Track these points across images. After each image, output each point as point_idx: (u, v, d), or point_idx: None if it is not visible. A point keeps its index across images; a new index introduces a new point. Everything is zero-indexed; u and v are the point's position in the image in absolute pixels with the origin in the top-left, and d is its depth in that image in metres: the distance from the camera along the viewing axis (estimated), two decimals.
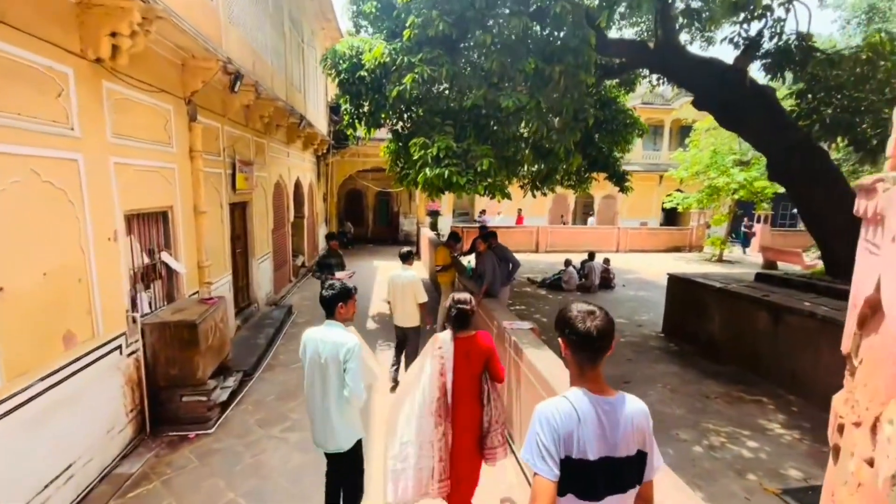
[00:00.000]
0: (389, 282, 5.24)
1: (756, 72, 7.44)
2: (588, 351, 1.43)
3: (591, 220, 20.89)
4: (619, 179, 10.34)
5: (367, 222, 20.63)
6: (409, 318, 5.23)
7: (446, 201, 19.67)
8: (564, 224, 21.35)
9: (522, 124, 6.00)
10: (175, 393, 4.36)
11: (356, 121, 8.39)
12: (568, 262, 11.33)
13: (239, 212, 7.35)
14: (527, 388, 3.78)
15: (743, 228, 19.31)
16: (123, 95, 3.96)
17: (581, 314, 1.43)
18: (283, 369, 5.92)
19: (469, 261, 8.06)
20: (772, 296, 5.92)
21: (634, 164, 21.92)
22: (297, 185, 11.72)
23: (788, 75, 7.03)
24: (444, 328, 3.22)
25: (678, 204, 16.85)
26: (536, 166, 8.14)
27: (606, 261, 11.69)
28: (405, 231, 20.34)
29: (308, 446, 4.05)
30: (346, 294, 2.75)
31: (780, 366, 5.52)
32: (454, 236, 7.03)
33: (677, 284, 7.70)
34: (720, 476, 3.82)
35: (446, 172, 5.30)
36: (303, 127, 9.76)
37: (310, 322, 7.04)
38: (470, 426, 2.79)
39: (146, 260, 4.46)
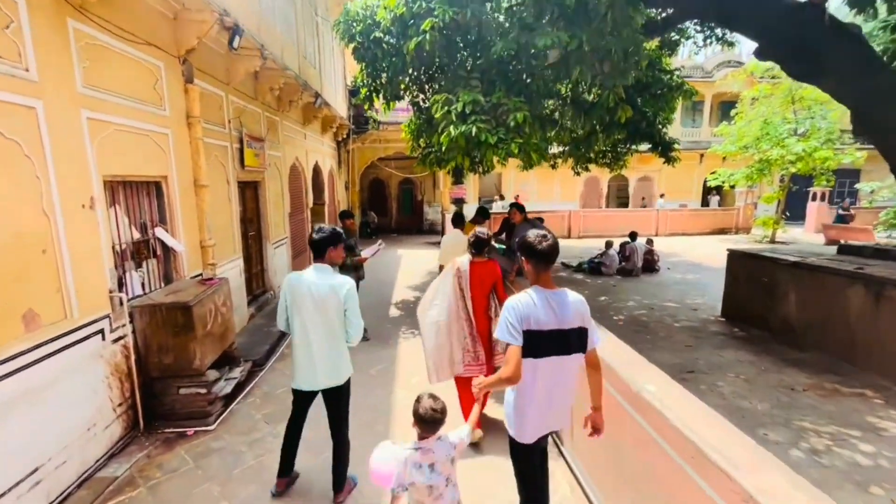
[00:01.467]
0: (443, 243, 5.17)
1: (837, 7, 6.34)
2: (543, 262, 2.05)
3: (659, 201, 19.23)
4: (665, 149, 9.32)
5: (391, 212, 20.10)
6: None
7: (471, 186, 18.89)
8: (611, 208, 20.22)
9: (561, 75, 5.17)
10: (171, 385, 3.84)
11: (374, 94, 7.73)
12: (609, 244, 10.41)
13: (250, 192, 6.85)
14: (581, 373, 3.05)
15: (839, 210, 16.61)
16: (98, 42, 3.41)
17: (538, 238, 2.05)
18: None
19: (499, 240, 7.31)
20: (867, 269, 4.93)
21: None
22: (317, 171, 11.23)
23: (881, 7, 5.91)
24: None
25: (724, 181, 15.51)
26: (577, 124, 7.21)
27: (650, 241, 10.68)
28: (429, 220, 19.75)
29: (318, 447, 3.45)
30: (337, 237, 2.83)
31: (883, 352, 4.56)
32: (482, 211, 6.29)
33: (740, 262, 6.73)
34: (835, 489, 2.98)
35: (473, 129, 4.57)
36: (318, 105, 9.21)
37: None
38: (482, 332, 3.50)
39: (136, 235, 3.95)
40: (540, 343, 1.99)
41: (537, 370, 2.05)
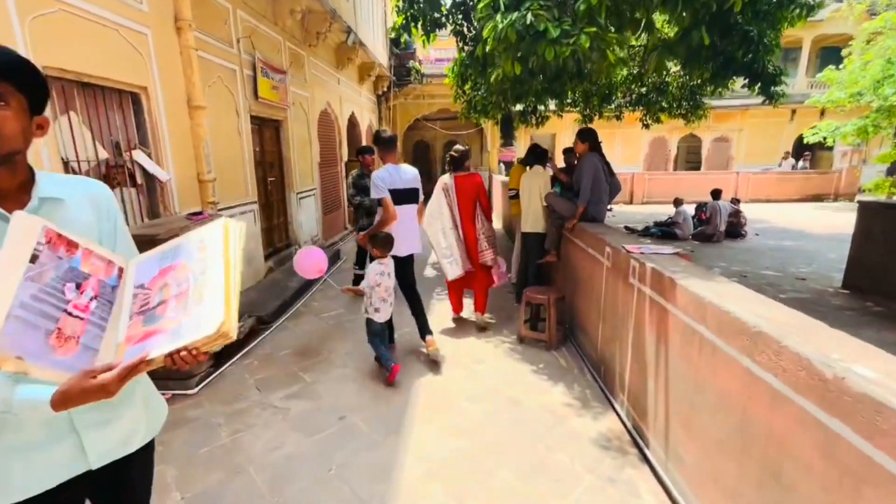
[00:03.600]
0: (522, 181, 4.69)
1: None
2: (388, 150, 3.58)
3: (798, 163, 16.56)
4: (768, 83, 7.51)
5: (435, 175, 19.07)
6: (532, 219, 4.55)
7: (521, 149, 17.39)
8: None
9: None
10: None
11: (411, 22, 6.60)
12: (678, 202, 8.85)
13: (270, 132, 6.07)
14: (688, 346, 1.95)
15: None
16: None
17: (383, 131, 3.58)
18: (311, 318, 4.61)
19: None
20: None
21: (757, 96, 17.82)
22: (353, 123, 10.38)
23: None
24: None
25: (826, 136, 13.03)
26: (673, 13, 5.62)
27: (736, 201, 8.97)
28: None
29: (312, 426, 2.64)
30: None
31: None
32: (535, 151, 5.12)
33: (879, 217, 5.13)
34: None
35: (528, 17, 3.39)
36: (352, 43, 8.23)
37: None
38: (470, 237, 4.20)
39: (104, 154, 3.21)
40: (398, 195, 3.43)
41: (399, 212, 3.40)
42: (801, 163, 17.17)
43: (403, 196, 3.47)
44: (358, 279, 5.45)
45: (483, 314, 4.38)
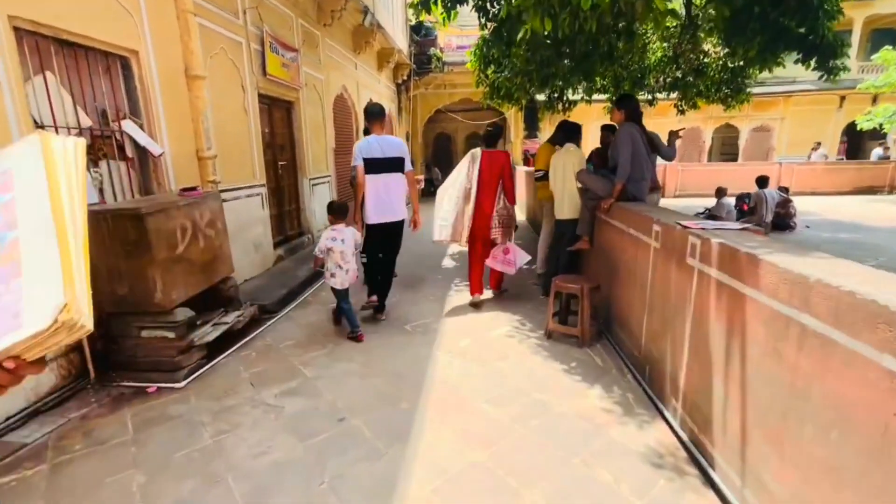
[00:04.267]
0: (552, 161, 4.26)
1: None
2: (377, 121, 3.69)
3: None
4: (827, 55, 6.75)
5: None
6: (569, 204, 4.11)
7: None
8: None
9: None
10: (131, 325, 2.84)
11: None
12: (721, 192, 8.15)
13: (281, 113, 5.77)
14: (780, 339, 1.46)
15: None
16: None
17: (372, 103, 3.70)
18: (319, 308, 4.25)
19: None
20: None
21: (800, 83, 16.70)
22: None
23: None
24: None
25: (883, 122, 12.00)
26: None
27: (785, 190, 8.20)
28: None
29: (306, 428, 2.26)
30: None
31: None
32: (566, 127, 4.62)
33: None
34: None
35: None
36: (368, 24, 7.87)
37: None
38: (487, 212, 4.11)
39: (87, 122, 2.92)
40: (375, 165, 3.52)
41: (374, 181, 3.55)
42: (825, 152, 15.71)
43: (383, 165, 3.54)
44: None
45: (477, 295, 4.26)
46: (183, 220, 2.94)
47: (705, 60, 9.23)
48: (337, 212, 3.43)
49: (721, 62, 8.97)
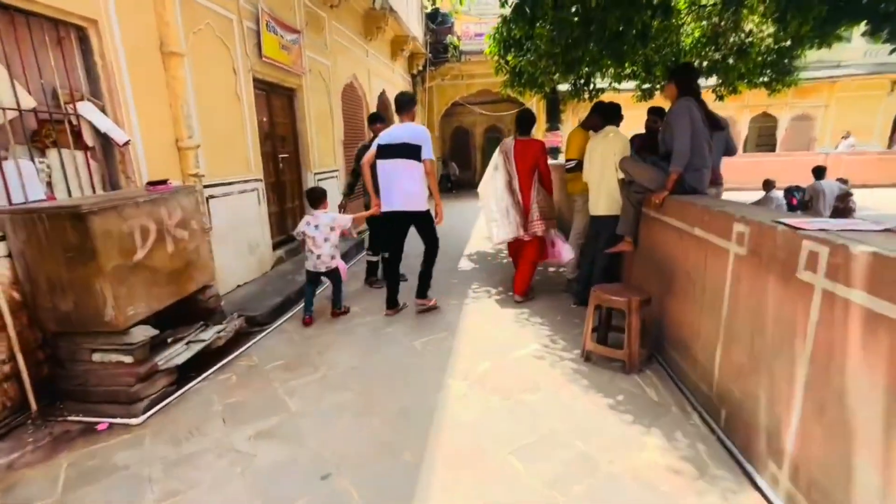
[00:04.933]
0: (588, 148, 3.69)
1: None
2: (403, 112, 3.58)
3: (843, 143, 14.35)
4: None
5: (475, 164, 17.96)
6: (607, 198, 3.55)
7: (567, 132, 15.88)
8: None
9: None
10: (81, 347, 2.36)
11: None
12: (769, 184, 7.33)
13: (281, 101, 5.26)
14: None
15: None
16: None
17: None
18: (317, 320, 3.73)
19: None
20: None
21: (846, 66, 15.44)
22: (384, 102, 9.50)
23: None
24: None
25: None
26: None
27: (844, 181, 7.32)
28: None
29: (279, 489, 1.70)
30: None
31: None
32: (602, 108, 3.97)
33: None
34: None
35: None
36: (380, 8, 7.31)
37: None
38: (526, 205, 3.82)
39: (29, 102, 2.43)
40: (386, 150, 3.40)
41: (380, 167, 3.45)
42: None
43: (392, 150, 3.40)
44: (372, 268, 4.58)
45: (521, 296, 3.98)
46: (144, 221, 2.43)
47: (749, 40, 8.36)
48: (310, 197, 3.59)
49: (768, 41, 8.10)
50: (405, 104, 3.55)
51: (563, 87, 12.53)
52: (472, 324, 3.52)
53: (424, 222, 3.54)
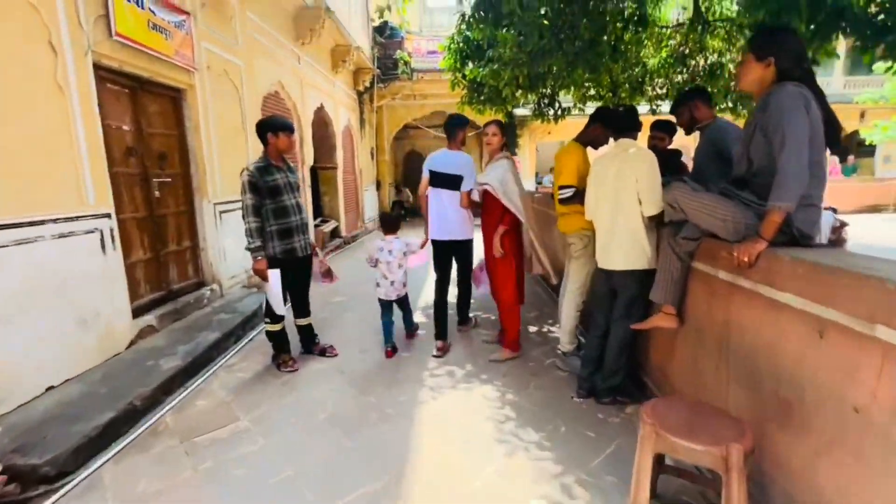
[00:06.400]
0: (594, 171, 2.57)
1: None
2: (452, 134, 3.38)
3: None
4: None
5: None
6: (629, 243, 2.41)
7: (527, 159, 15.18)
8: None
9: None
10: None
11: None
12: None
13: (159, 103, 3.77)
14: None
15: None
16: None
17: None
18: (170, 454, 2.20)
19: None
20: None
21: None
22: (323, 120, 8.15)
23: None
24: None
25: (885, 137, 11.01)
26: None
27: (834, 210, 6.68)
28: (475, 201, 16.39)
29: None
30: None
31: None
32: (610, 114, 2.86)
33: None
34: None
35: None
36: (313, 2, 6.02)
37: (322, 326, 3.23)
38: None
39: None
40: (436, 178, 3.31)
41: (432, 195, 3.38)
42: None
43: (438, 179, 3.32)
44: (279, 341, 3.15)
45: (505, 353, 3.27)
46: None
47: (720, 60, 7.79)
48: (384, 223, 3.54)
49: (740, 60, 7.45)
50: (452, 130, 3.38)
51: (520, 111, 11.80)
52: (430, 445, 2.16)
53: (465, 249, 3.52)
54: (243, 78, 4.95)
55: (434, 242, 3.43)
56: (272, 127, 2.96)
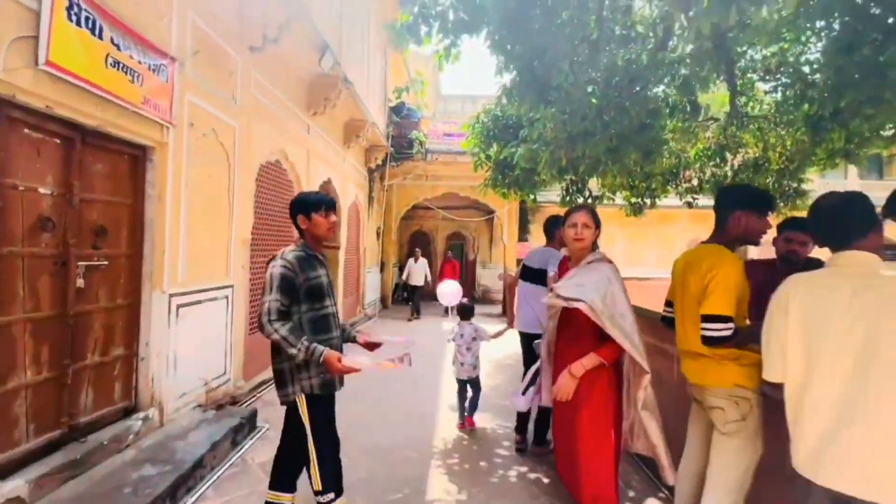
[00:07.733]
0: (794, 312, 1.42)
1: None
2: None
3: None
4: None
5: (435, 272, 15.87)
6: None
7: (535, 241, 14.36)
8: None
9: None
10: None
11: (423, 22, 3.75)
12: None
13: (109, 163, 2.81)
14: None
15: None
16: None
17: None
18: None
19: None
20: None
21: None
22: (328, 192, 7.34)
23: None
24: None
25: None
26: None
27: None
28: (483, 286, 15.50)
29: None
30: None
31: None
32: (826, 209, 1.86)
33: None
34: None
35: None
36: (329, 69, 5.42)
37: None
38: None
39: None
40: (526, 273, 3.50)
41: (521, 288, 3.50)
42: None
43: (528, 274, 3.48)
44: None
45: None
46: None
47: (767, 154, 7.15)
48: (461, 313, 3.83)
49: (790, 150, 6.80)
50: (551, 230, 3.49)
51: (544, 197, 11.19)
52: None
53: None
54: (237, 141, 4.10)
55: (521, 335, 3.50)
56: (313, 205, 2.08)
